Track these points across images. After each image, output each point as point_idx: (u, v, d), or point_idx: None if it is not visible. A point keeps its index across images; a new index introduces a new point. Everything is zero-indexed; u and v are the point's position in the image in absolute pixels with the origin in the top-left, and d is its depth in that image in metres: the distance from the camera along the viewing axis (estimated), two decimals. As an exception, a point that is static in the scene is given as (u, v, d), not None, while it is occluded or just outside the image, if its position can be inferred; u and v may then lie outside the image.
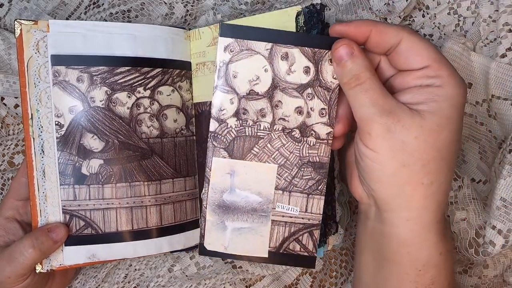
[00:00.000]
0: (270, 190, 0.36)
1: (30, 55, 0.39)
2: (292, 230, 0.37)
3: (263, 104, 0.35)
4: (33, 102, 0.39)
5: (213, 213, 0.37)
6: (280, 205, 0.37)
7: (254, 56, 0.35)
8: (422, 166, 0.31)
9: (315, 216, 0.37)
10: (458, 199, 0.40)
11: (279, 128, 0.36)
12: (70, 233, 0.39)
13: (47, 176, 0.39)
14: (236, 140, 0.36)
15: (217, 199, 0.36)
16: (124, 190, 0.41)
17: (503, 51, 0.41)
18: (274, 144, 0.36)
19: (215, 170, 0.36)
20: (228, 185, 0.36)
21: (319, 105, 0.35)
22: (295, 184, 0.36)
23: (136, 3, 0.50)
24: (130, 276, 0.48)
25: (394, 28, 0.32)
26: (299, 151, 0.36)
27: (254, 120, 0.36)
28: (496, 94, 0.42)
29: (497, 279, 0.44)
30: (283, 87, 0.35)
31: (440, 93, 0.31)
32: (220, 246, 0.37)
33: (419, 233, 0.32)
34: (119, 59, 0.40)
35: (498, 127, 0.43)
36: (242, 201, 0.36)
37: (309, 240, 0.37)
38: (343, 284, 0.48)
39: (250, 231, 0.37)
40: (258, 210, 0.36)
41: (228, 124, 0.36)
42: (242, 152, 0.36)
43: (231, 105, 0.35)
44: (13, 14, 0.51)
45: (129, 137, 0.41)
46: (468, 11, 0.45)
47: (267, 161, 0.36)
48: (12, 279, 0.38)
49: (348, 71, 0.32)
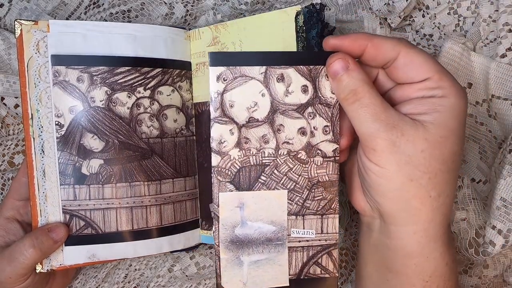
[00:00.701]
0: (283, 216, 0.35)
1: (30, 55, 0.39)
2: (310, 253, 0.36)
3: (265, 130, 0.34)
4: (33, 102, 0.39)
5: (227, 250, 0.35)
6: (295, 231, 0.35)
7: (249, 82, 0.34)
8: (429, 179, 0.30)
9: (332, 235, 0.36)
10: (458, 199, 0.40)
11: (284, 152, 0.35)
12: (70, 233, 0.39)
13: (47, 176, 0.39)
14: (241, 171, 0.35)
15: (229, 235, 0.35)
16: (124, 190, 0.41)
17: (503, 51, 0.41)
18: (281, 169, 0.35)
19: (223, 205, 0.35)
20: (238, 219, 0.35)
21: (322, 123, 0.34)
22: (308, 206, 0.35)
23: (136, 3, 0.50)
24: (130, 276, 0.48)
25: (391, 42, 0.31)
26: (307, 173, 0.35)
27: (258, 148, 0.34)
28: (496, 94, 0.42)
29: (497, 279, 0.44)
30: (283, 109, 0.34)
31: (443, 103, 0.30)
32: (238, 283, 0.36)
33: (426, 245, 0.32)
34: (119, 59, 0.40)
35: (498, 127, 0.43)
36: (256, 232, 0.35)
37: (329, 261, 0.36)
38: (343, 284, 0.48)
39: (267, 262, 0.36)
40: (273, 240, 0.35)
41: (231, 156, 0.34)
42: (249, 183, 0.35)
43: (231, 136, 0.34)
44: (13, 14, 0.51)
45: (129, 137, 0.41)
46: (468, 11, 0.44)
47: (276, 187, 0.35)
48: (13, 279, 0.38)
49: (344, 86, 0.32)
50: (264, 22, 0.40)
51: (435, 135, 0.30)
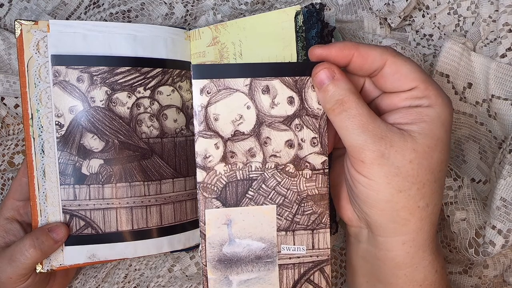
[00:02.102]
0: (272, 233, 0.34)
1: (30, 55, 0.39)
2: (302, 271, 0.35)
3: (251, 144, 0.33)
4: (33, 102, 0.39)
5: (215, 269, 0.34)
6: (286, 247, 0.34)
7: (233, 94, 0.33)
8: (417, 190, 0.30)
9: (324, 251, 0.35)
10: (458, 199, 0.40)
11: (271, 166, 0.34)
12: (70, 233, 0.39)
13: (47, 176, 0.39)
14: (227, 187, 0.33)
15: (216, 254, 0.34)
16: (124, 190, 0.41)
17: (503, 51, 0.41)
18: (269, 183, 0.34)
19: (210, 223, 0.33)
20: (226, 236, 0.34)
21: (310, 135, 0.34)
22: (298, 221, 0.34)
23: (136, 3, 0.50)
24: (130, 276, 0.48)
25: (378, 51, 0.31)
26: (296, 187, 0.34)
27: (244, 162, 0.33)
28: (496, 94, 0.42)
29: (497, 279, 0.44)
30: (269, 122, 0.33)
31: (429, 113, 0.30)
32: None
33: (415, 254, 0.32)
34: (119, 59, 0.40)
35: (498, 127, 0.43)
36: (244, 250, 0.34)
37: (321, 278, 0.35)
38: (343, 284, 0.48)
39: (258, 281, 0.34)
40: (263, 257, 0.34)
41: (216, 171, 0.33)
42: (236, 198, 0.34)
43: (216, 150, 0.33)
44: (13, 14, 0.51)
45: (129, 137, 0.41)
46: (468, 11, 0.45)
47: (264, 202, 0.34)
48: (13, 279, 0.38)
49: (330, 96, 0.31)
50: (264, 22, 0.40)
51: (423, 145, 0.30)
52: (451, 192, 0.41)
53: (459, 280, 0.44)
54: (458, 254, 0.43)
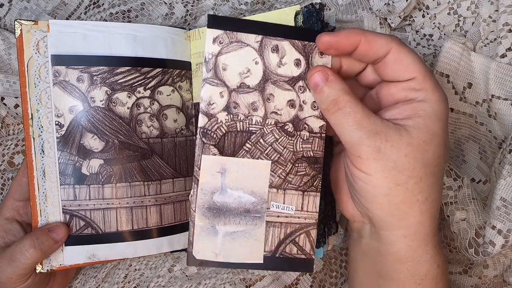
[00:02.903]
0: (264, 188, 0.34)
1: (30, 55, 0.39)
2: (288, 231, 0.35)
3: (255, 98, 0.34)
4: (33, 102, 0.39)
5: (203, 216, 0.34)
6: (275, 205, 0.35)
7: (244, 48, 0.34)
8: (415, 184, 0.31)
9: (312, 214, 0.35)
10: (458, 199, 0.40)
11: (271, 122, 0.34)
12: (70, 233, 0.39)
13: (47, 176, 0.39)
14: (227, 136, 0.34)
15: (207, 201, 0.34)
16: (124, 190, 0.41)
17: (503, 51, 0.41)
18: (267, 139, 0.34)
19: (205, 169, 0.34)
20: (219, 185, 0.34)
21: (311, 98, 0.34)
22: (290, 181, 0.35)
23: (136, 3, 0.50)
24: (130, 276, 0.48)
25: (384, 39, 0.31)
26: (292, 146, 0.35)
27: (246, 114, 0.34)
28: (496, 94, 0.42)
29: (497, 279, 0.44)
30: (275, 79, 0.34)
31: (424, 108, 0.31)
32: (210, 254, 0.34)
33: (416, 248, 0.32)
34: (119, 59, 0.40)
35: (498, 127, 0.43)
36: (235, 202, 0.34)
37: (306, 241, 0.35)
38: (343, 284, 0.48)
39: (243, 234, 0.34)
40: (252, 211, 0.34)
41: (218, 119, 0.34)
42: (233, 149, 0.34)
43: (221, 99, 0.34)
44: (13, 14, 0.51)
45: (129, 137, 0.41)
46: (468, 11, 0.45)
47: (260, 157, 0.34)
48: (13, 279, 0.38)
49: (326, 97, 0.32)
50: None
51: (418, 140, 0.30)
52: (451, 192, 0.41)
53: (459, 280, 0.44)
54: (458, 254, 0.43)
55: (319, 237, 0.41)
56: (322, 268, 0.48)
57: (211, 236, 0.34)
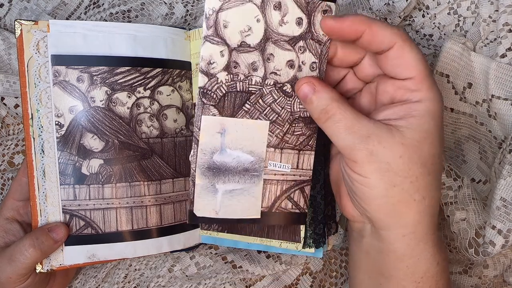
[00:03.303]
0: (262, 148, 0.35)
1: (30, 55, 0.39)
2: (284, 188, 0.36)
3: (255, 57, 0.34)
4: (33, 102, 0.39)
5: (203, 176, 0.35)
6: (272, 163, 0.35)
7: (246, 4, 0.33)
8: (411, 183, 0.31)
9: (306, 172, 0.36)
10: (458, 199, 0.40)
11: (270, 82, 0.34)
12: (70, 233, 0.39)
13: (47, 176, 0.39)
14: (226, 96, 0.34)
15: (206, 161, 0.34)
16: (124, 190, 0.41)
17: (503, 51, 0.41)
18: (265, 99, 0.35)
19: (205, 129, 0.34)
20: (218, 145, 0.34)
21: (311, 59, 0.34)
22: (287, 140, 0.35)
23: (136, 3, 0.50)
24: (130, 276, 0.48)
25: (389, 32, 0.31)
26: (290, 107, 0.35)
27: (246, 74, 0.34)
28: (496, 94, 0.42)
29: (497, 279, 0.44)
30: (275, 39, 0.33)
31: (418, 108, 0.31)
32: (211, 212, 0.35)
33: (415, 247, 0.32)
34: (119, 59, 0.40)
35: (498, 127, 0.43)
36: (234, 161, 0.35)
37: (301, 197, 0.37)
38: (343, 284, 0.48)
39: (242, 192, 0.36)
40: (250, 170, 0.35)
41: (218, 79, 0.34)
42: (233, 109, 0.34)
43: (221, 58, 0.33)
44: (13, 14, 0.51)
45: (129, 137, 0.41)
46: (468, 11, 0.45)
47: (258, 117, 0.35)
48: (13, 279, 0.38)
49: (315, 107, 0.32)
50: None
51: (411, 140, 0.30)
52: (451, 192, 0.41)
53: (459, 280, 0.44)
54: (458, 254, 0.43)
55: (319, 237, 0.41)
56: (322, 268, 0.48)
57: (211, 194, 0.35)
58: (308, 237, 0.41)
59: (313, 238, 0.41)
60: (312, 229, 0.41)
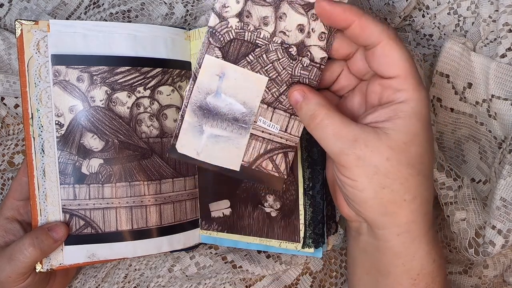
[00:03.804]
0: (256, 102, 0.35)
1: (30, 55, 0.39)
2: (268, 147, 0.36)
3: (268, 12, 0.34)
4: (34, 102, 0.39)
5: (193, 114, 0.35)
6: (262, 120, 0.36)
7: None
8: (400, 185, 0.31)
9: (293, 138, 0.36)
10: (458, 199, 0.40)
11: (278, 40, 0.34)
12: (70, 233, 0.39)
13: (47, 175, 0.39)
14: (233, 42, 0.34)
15: (200, 100, 0.35)
16: (124, 190, 0.41)
17: (503, 51, 0.41)
18: (270, 56, 0.35)
19: (205, 68, 0.34)
20: (214, 87, 0.35)
21: (321, 28, 0.34)
22: (281, 101, 0.35)
23: (136, 3, 0.50)
24: (130, 276, 0.48)
25: (377, 28, 0.31)
26: (292, 69, 0.35)
27: (256, 26, 0.34)
28: (496, 94, 0.42)
29: (497, 279, 0.44)
30: (291, 0, 0.34)
31: (404, 109, 0.31)
32: (192, 151, 0.36)
33: (410, 245, 0.32)
34: (119, 59, 0.40)
35: (498, 127, 0.43)
36: (226, 107, 0.35)
37: (283, 161, 0.37)
38: (343, 284, 0.48)
39: (227, 140, 0.36)
40: (240, 121, 0.35)
41: (228, 23, 0.34)
42: (236, 56, 0.34)
43: (236, 4, 0.34)
44: (13, 14, 0.51)
45: (129, 136, 0.41)
46: (468, 11, 0.45)
47: (259, 71, 0.35)
48: (12, 278, 0.38)
49: (304, 113, 0.33)
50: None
51: (398, 142, 0.31)
52: (451, 192, 0.41)
53: (459, 280, 0.44)
54: (458, 254, 0.43)
55: (318, 237, 0.41)
56: (322, 268, 0.48)
57: (196, 134, 0.35)
58: (307, 237, 0.41)
59: (313, 238, 0.41)
60: (312, 229, 0.41)
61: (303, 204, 0.41)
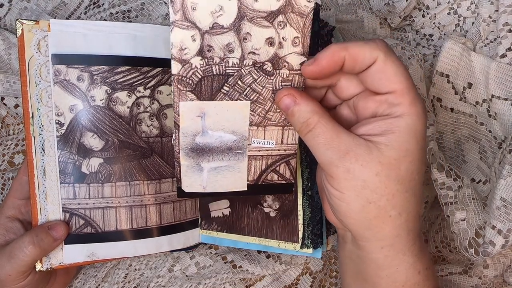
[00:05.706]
0: (244, 127, 0.35)
1: (31, 55, 0.39)
2: (269, 162, 0.36)
3: (230, 38, 0.31)
4: (34, 101, 0.39)
5: (187, 157, 0.35)
6: (256, 140, 0.35)
7: None
8: (387, 200, 0.30)
9: (291, 146, 0.36)
10: (458, 199, 0.40)
11: (249, 63, 0.32)
12: (69, 232, 0.39)
13: (47, 174, 0.39)
14: (203, 81, 0.32)
15: (189, 143, 0.34)
16: (123, 189, 0.41)
17: (503, 51, 0.41)
18: (245, 80, 0.33)
19: (184, 114, 0.33)
20: (199, 128, 0.34)
21: (292, 34, 0.32)
22: (270, 118, 0.35)
23: (136, 3, 0.50)
24: (130, 276, 0.48)
25: (368, 49, 0.30)
26: (272, 85, 0.33)
27: (221, 57, 0.32)
28: (496, 94, 0.42)
29: (497, 279, 0.44)
30: (251, 16, 0.31)
31: (399, 124, 0.30)
32: (198, 187, 0.36)
33: (394, 258, 0.32)
34: (120, 59, 0.40)
35: (498, 127, 0.43)
36: (216, 141, 0.35)
37: (286, 169, 0.36)
38: (343, 284, 0.48)
39: (227, 168, 0.36)
40: (234, 148, 0.35)
41: (192, 65, 0.32)
42: (211, 93, 0.33)
43: (193, 42, 0.31)
44: (13, 14, 0.51)
45: (129, 136, 0.41)
46: (468, 11, 0.45)
47: (238, 98, 0.33)
48: (12, 276, 0.38)
49: (296, 119, 0.32)
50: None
51: (389, 158, 0.30)
52: (451, 192, 0.40)
53: (459, 280, 0.44)
54: (458, 254, 0.43)
55: (317, 238, 0.41)
56: (322, 268, 0.48)
57: (197, 172, 0.36)
58: (306, 237, 0.41)
59: (311, 238, 0.41)
60: (310, 229, 0.41)
61: (301, 204, 0.41)
